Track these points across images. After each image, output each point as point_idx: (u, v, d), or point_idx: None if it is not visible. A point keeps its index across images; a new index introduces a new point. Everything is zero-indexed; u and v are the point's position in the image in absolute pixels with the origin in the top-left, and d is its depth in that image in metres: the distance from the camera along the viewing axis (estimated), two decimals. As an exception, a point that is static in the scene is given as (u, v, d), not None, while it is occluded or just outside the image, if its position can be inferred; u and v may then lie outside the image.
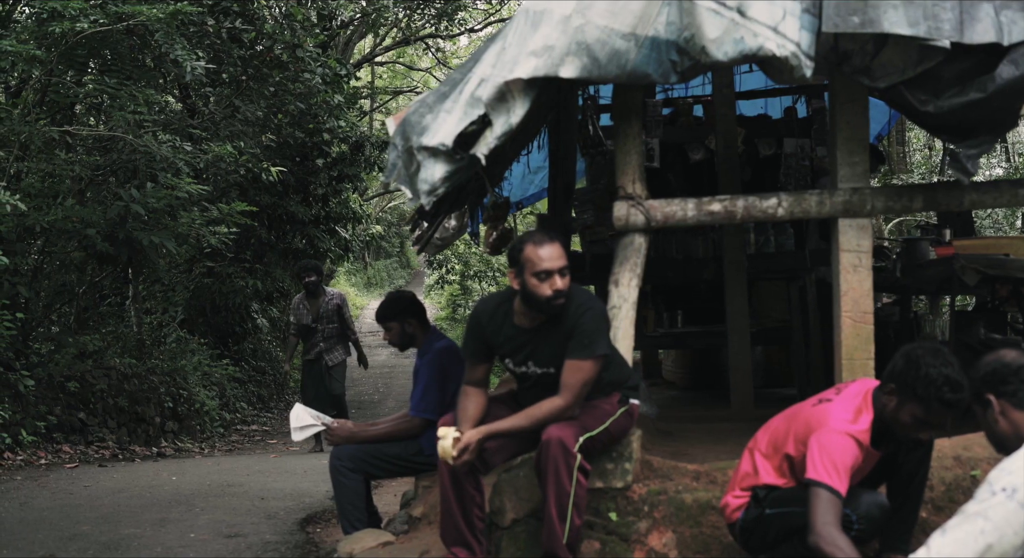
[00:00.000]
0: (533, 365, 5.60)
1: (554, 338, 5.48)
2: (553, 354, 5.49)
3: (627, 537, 5.67)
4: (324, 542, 8.03)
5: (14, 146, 12.83)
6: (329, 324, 14.39)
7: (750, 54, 5.45)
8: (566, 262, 5.42)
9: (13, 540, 7.77)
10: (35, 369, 13.11)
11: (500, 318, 5.67)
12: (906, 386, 4.68)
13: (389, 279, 54.17)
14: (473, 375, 5.79)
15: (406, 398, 22.82)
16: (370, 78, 33.24)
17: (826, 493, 4.57)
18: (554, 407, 5.38)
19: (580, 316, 5.40)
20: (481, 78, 5.75)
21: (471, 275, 35.73)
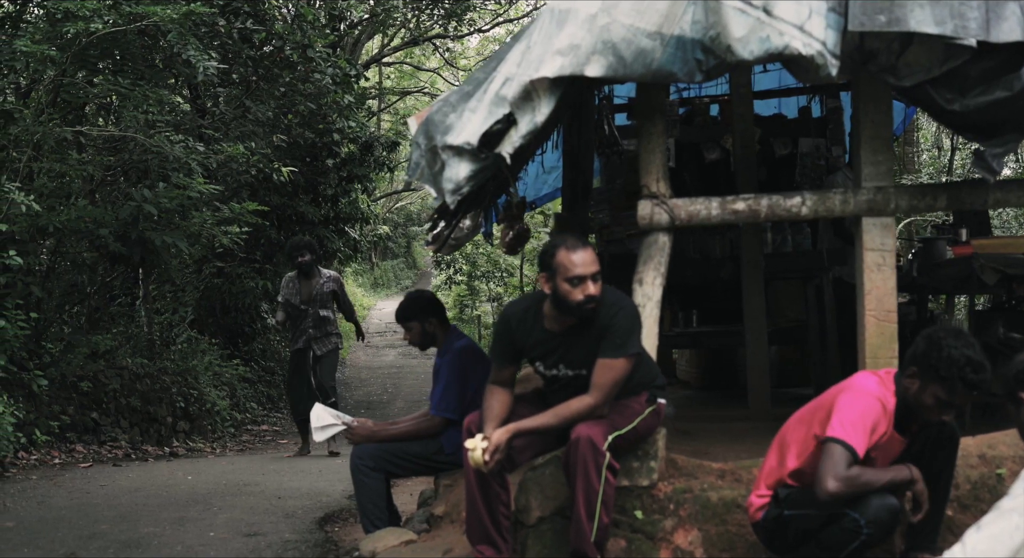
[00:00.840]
0: (564, 368, 5.61)
1: (586, 340, 5.49)
2: (585, 356, 5.50)
3: (653, 535, 5.68)
4: (343, 541, 8.05)
5: (27, 146, 12.85)
6: (321, 308, 13.30)
7: (776, 53, 5.45)
8: (598, 267, 5.43)
9: (33, 539, 7.79)
10: (48, 369, 13.11)
11: (530, 321, 5.68)
12: (928, 367, 4.71)
13: (396, 280, 54.14)
14: (500, 376, 5.80)
15: (415, 399, 22.95)
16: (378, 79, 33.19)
17: (839, 448, 4.63)
18: (583, 406, 5.39)
19: (613, 316, 5.41)
20: (506, 77, 5.76)
21: (478, 276, 35.72)
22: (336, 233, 21.00)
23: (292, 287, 13.24)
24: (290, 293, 13.23)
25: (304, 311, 13.15)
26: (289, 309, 13.28)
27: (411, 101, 37.61)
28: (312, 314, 13.16)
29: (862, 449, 4.66)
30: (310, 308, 13.14)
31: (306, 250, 13.26)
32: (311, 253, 13.28)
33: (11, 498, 9.52)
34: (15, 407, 11.60)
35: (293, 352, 13.64)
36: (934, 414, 4.82)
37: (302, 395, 13.21)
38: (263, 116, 16.94)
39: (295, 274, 13.31)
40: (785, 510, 5.05)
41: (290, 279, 13.36)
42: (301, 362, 13.42)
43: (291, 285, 13.28)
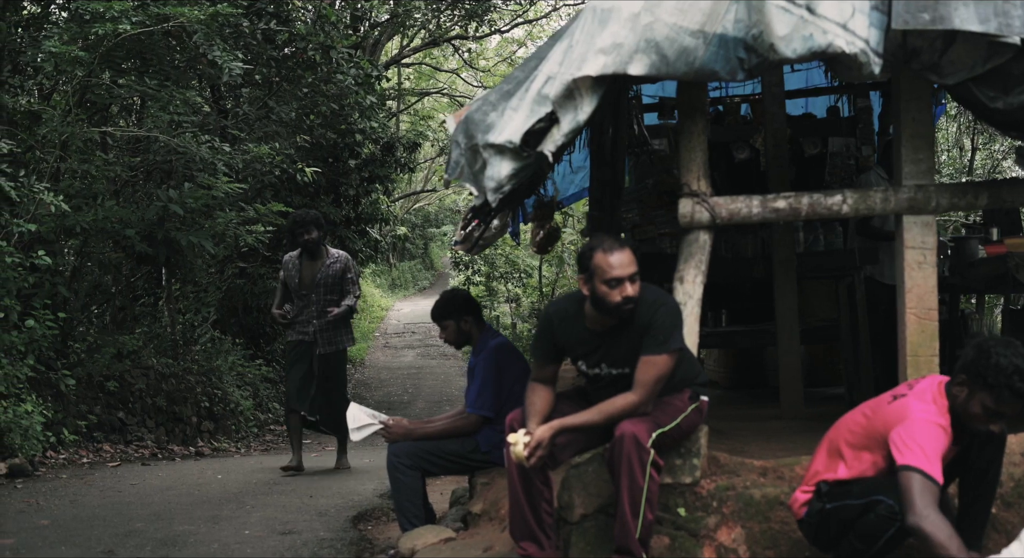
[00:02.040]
0: (607, 367, 5.64)
1: (627, 338, 5.51)
2: (627, 355, 5.52)
3: (696, 532, 5.70)
4: (377, 539, 8.06)
5: (55, 147, 12.91)
6: (328, 294, 11.19)
7: (819, 51, 5.46)
8: (636, 268, 5.45)
9: (69, 537, 7.81)
10: (75, 368, 13.18)
11: (571, 321, 5.70)
12: (977, 375, 4.72)
13: (414, 281, 54.18)
14: (542, 373, 5.82)
15: (435, 399, 22.99)
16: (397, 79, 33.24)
17: (920, 477, 4.59)
18: (627, 403, 5.41)
19: (654, 313, 5.44)
20: (548, 76, 5.77)
21: (497, 276, 35.72)
22: (357, 233, 21.03)
23: (292, 268, 11.30)
24: (290, 275, 11.30)
25: (306, 298, 11.19)
26: (288, 295, 11.42)
27: (430, 102, 37.67)
28: (316, 302, 11.15)
29: (941, 478, 4.66)
30: (315, 294, 11.16)
31: (312, 226, 11.20)
32: (318, 229, 11.28)
33: (43, 496, 9.55)
34: (44, 406, 11.66)
35: (291, 343, 11.41)
36: (982, 423, 4.83)
37: (301, 396, 11.20)
38: (286, 116, 16.97)
39: (297, 253, 11.35)
40: (827, 504, 5.07)
41: (291, 258, 11.40)
42: (302, 356, 11.23)
43: (292, 265, 11.32)
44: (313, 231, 11.14)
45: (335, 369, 11.41)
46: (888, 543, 4.83)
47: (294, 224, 11.34)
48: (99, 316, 15.51)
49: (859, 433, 5.08)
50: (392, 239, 33.35)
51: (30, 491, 9.83)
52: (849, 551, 5.01)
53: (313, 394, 11.21)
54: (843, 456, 5.13)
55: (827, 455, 5.23)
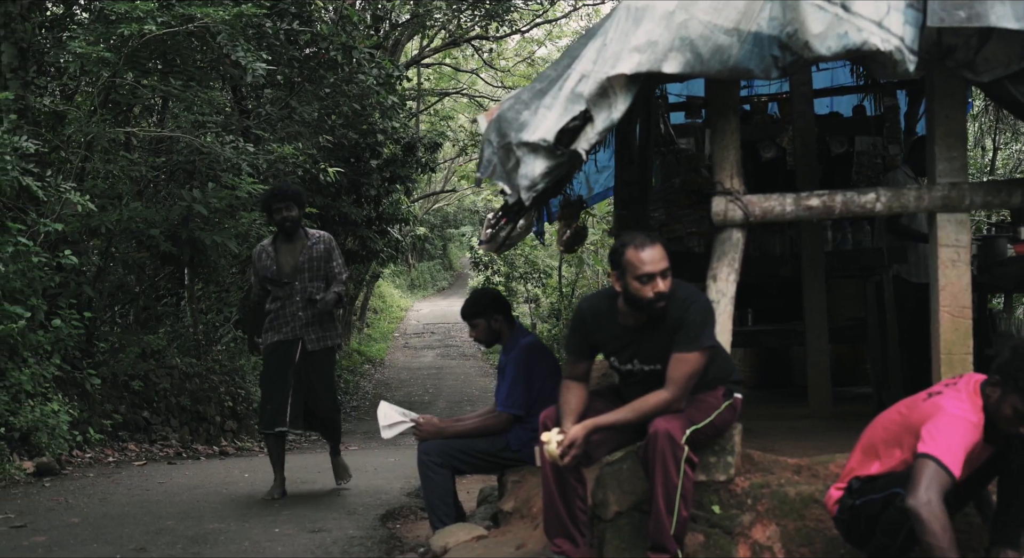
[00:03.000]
0: (639, 363, 5.65)
1: (660, 335, 5.52)
2: (659, 351, 5.53)
3: (730, 530, 5.70)
4: (406, 537, 8.08)
5: (80, 147, 12.97)
6: (314, 281, 9.52)
7: (854, 49, 5.46)
8: (668, 264, 5.46)
9: (101, 534, 7.84)
10: (100, 368, 13.24)
11: (605, 317, 5.72)
12: (1009, 377, 4.71)
13: (432, 281, 54.35)
14: (575, 371, 5.83)
15: (456, 399, 23.06)
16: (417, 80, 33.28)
17: (934, 465, 4.58)
18: (660, 400, 5.41)
19: (686, 310, 5.45)
20: (582, 74, 5.78)
21: (516, 277, 35.74)
22: (378, 233, 21.05)
23: (267, 257, 9.58)
24: (265, 266, 9.57)
25: (288, 287, 9.48)
26: (264, 290, 9.71)
27: (449, 102, 37.68)
28: (300, 291, 9.47)
29: (958, 472, 4.64)
30: (297, 281, 9.47)
31: (292, 201, 9.56)
32: (298, 206, 9.65)
33: (72, 495, 9.60)
34: (70, 406, 11.72)
35: (270, 345, 9.57)
36: (1012, 425, 4.82)
37: (281, 403, 9.49)
38: (308, 117, 17.00)
39: (270, 241, 9.71)
40: (856, 500, 5.07)
41: (263, 249, 9.70)
42: (282, 361, 9.50)
43: (265, 255, 9.61)
44: (293, 208, 9.50)
45: (325, 370, 9.76)
46: (910, 535, 4.80)
47: (271, 197, 9.64)
48: (123, 316, 15.57)
49: (893, 430, 5.08)
50: (412, 239, 33.35)
51: (58, 489, 9.88)
52: (878, 546, 5.01)
53: (292, 402, 9.47)
54: (877, 453, 5.13)
55: (862, 452, 5.23)
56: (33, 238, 11.26)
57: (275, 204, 9.51)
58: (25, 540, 7.63)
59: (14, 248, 10.59)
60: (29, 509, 8.86)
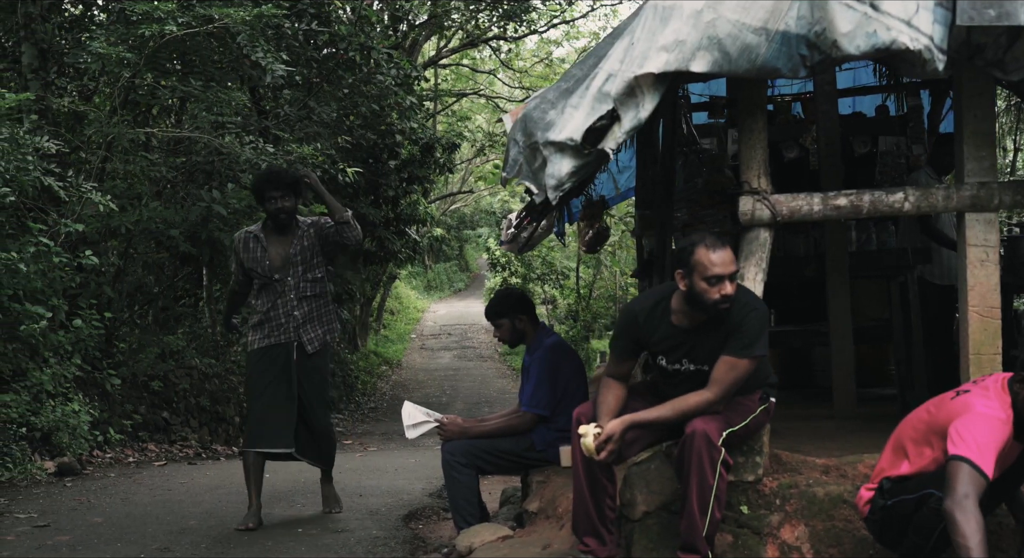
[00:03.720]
0: (688, 363, 5.63)
1: (714, 337, 5.51)
2: (711, 352, 5.52)
3: (759, 530, 5.68)
4: (429, 538, 8.08)
5: (100, 147, 12.99)
6: (308, 272, 8.28)
7: (883, 48, 5.43)
8: (736, 268, 5.45)
9: (124, 534, 7.85)
10: (120, 368, 13.26)
11: (657, 317, 5.69)
12: None
13: (449, 282, 54.40)
14: (618, 370, 5.82)
15: (474, 400, 23.08)
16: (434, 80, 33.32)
17: (968, 467, 4.55)
18: (702, 400, 5.40)
19: (745, 316, 5.44)
20: (609, 73, 5.77)
21: (534, 278, 35.78)
22: (396, 234, 21.04)
23: (255, 247, 8.27)
24: (255, 258, 8.25)
25: (278, 285, 8.22)
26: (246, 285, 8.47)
27: (467, 103, 37.67)
28: (294, 288, 8.22)
29: (991, 472, 4.62)
30: (289, 276, 8.21)
31: (289, 190, 8.19)
32: (294, 196, 8.27)
33: (94, 495, 9.61)
34: (90, 406, 11.75)
35: (258, 351, 8.29)
36: None
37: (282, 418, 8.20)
38: (327, 117, 17.00)
39: (258, 228, 8.39)
40: (887, 500, 5.04)
41: (250, 237, 8.34)
42: (275, 367, 8.24)
43: (253, 245, 8.28)
44: (289, 197, 8.18)
45: (324, 375, 8.53)
46: (943, 536, 4.78)
47: (264, 183, 8.26)
48: (141, 316, 15.59)
49: (922, 429, 5.05)
50: (429, 241, 33.37)
51: (80, 489, 9.90)
52: (910, 547, 4.99)
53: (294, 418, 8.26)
54: (907, 453, 5.10)
55: (892, 452, 5.20)
56: (54, 238, 11.27)
57: (269, 192, 8.14)
58: (49, 539, 7.65)
59: (35, 248, 10.60)
60: (52, 509, 8.88)
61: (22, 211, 11.77)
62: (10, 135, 10.52)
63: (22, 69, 13.39)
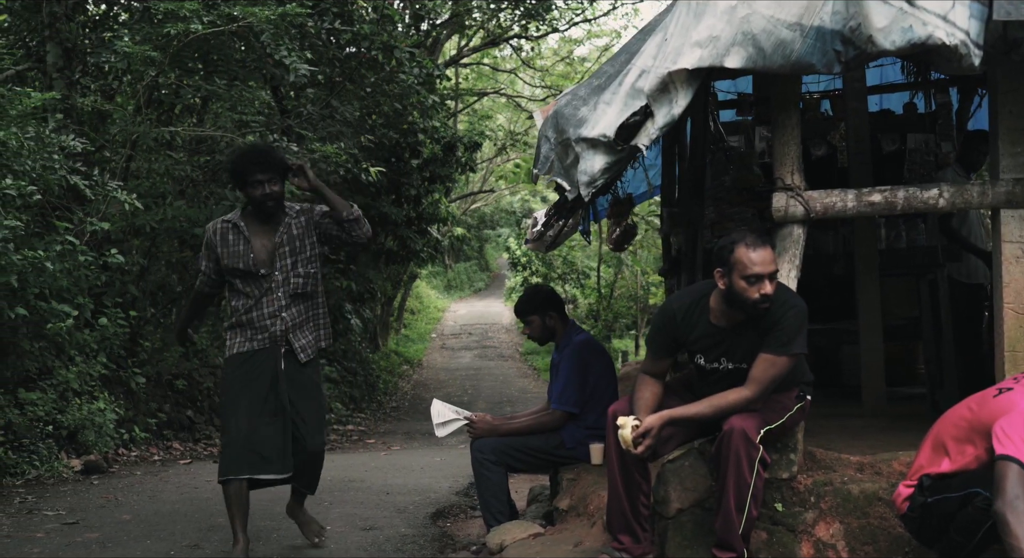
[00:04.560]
0: (727, 361, 5.61)
1: (753, 336, 5.50)
2: (749, 351, 5.51)
3: (794, 528, 5.67)
4: (458, 535, 8.08)
5: (125, 146, 13.02)
6: (300, 266, 6.92)
7: (918, 43, 5.39)
8: (776, 267, 5.43)
9: (153, 531, 7.87)
10: (144, 367, 13.29)
11: (695, 316, 5.68)
12: None
13: (469, 282, 54.43)
14: (655, 367, 5.81)
15: (496, 400, 23.05)
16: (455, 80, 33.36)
17: (1017, 467, 4.51)
18: (740, 398, 5.38)
19: (784, 314, 5.43)
20: (642, 69, 5.76)
21: (555, 277, 35.77)
22: (418, 233, 21.03)
23: (235, 242, 6.88)
24: (235, 252, 6.87)
25: (264, 281, 6.86)
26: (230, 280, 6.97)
27: (487, 102, 37.66)
28: (284, 284, 6.87)
29: None
30: (276, 272, 6.86)
31: (275, 171, 6.81)
32: (281, 178, 6.89)
33: (121, 492, 9.63)
34: (116, 404, 11.78)
35: (238, 357, 6.90)
36: None
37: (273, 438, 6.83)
38: (350, 116, 16.99)
39: (236, 216, 6.98)
40: (928, 498, 5.01)
41: (228, 227, 6.93)
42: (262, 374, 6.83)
43: (233, 237, 6.89)
44: (277, 181, 6.80)
45: (316, 386, 7.18)
46: (986, 536, 4.74)
47: (247, 163, 6.79)
48: (164, 315, 15.62)
49: (964, 427, 5.01)
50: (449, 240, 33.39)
51: (107, 487, 9.93)
52: (950, 546, 4.95)
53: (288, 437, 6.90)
54: (947, 450, 5.06)
55: (931, 449, 5.16)
56: (79, 236, 11.29)
57: (254, 174, 6.73)
58: (78, 536, 7.67)
59: (61, 247, 10.61)
60: (80, 506, 8.91)
61: (47, 210, 11.79)
62: (36, 134, 10.54)
63: (47, 68, 13.42)
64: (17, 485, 9.86)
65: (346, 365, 22.20)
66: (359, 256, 19.99)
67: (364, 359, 23.88)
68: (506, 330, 39.29)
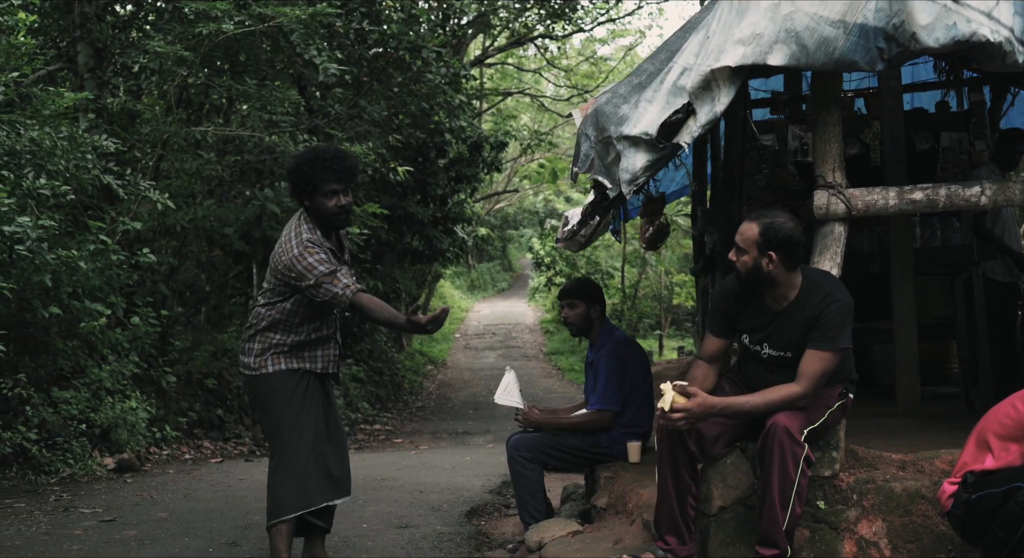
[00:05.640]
0: (768, 347, 5.62)
1: (794, 323, 5.53)
2: (790, 339, 5.53)
3: (836, 526, 5.66)
4: (493, 533, 8.08)
5: (156, 146, 13.07)
6: None
7: (962, 40, 5.39)
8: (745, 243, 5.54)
9: (190, 529, 7.90)
10: (175, 366, 13.34)
11: (749, 295, 5.74)
12: None
13: (492, 282, 54.42)
14: (709, 349, 5.88)
15: (525, 399, 22.99)
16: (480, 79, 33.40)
17: None
18: (791, 393, 5.38)
19: (827, 306, 5.44)
20: (684, 67, 5.77)
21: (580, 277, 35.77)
22: (444, 233, 21.03)
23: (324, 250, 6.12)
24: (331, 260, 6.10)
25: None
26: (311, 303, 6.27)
27: (512, 102, 37.64)
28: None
29: None
30: None
31: (349, 179, 6.30)
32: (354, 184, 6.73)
33: (155, 490, 9.67)
34: (147, 403, 11.82)
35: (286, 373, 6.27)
36: None
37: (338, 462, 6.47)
38: (378, 116, 17.02)
39: (308, 230, 6.17)
40: (972, 495, 5.00)
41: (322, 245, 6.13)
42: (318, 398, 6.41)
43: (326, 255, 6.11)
44: (349, 193, 6.31)
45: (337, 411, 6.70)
46: None
47: (324, 171, 6.15)
48: (194, 314, 15.68)
49: (1009, 424, 5.01)
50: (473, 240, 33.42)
51: (141, 485, 9.96)
52: (993, 542, 4.94)
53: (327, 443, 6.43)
54: (990, 447, 5.06)
55: (975, 446, 5.16)
56: (111, 236, 11.34)
57: (330, 183, 6.15)
58: (116, 534, 7.71)
59: (94, 246, 10.67)
60: (115, 504, 8.95)
61: (78, 209, 11.85)
62: (69, 134, 10.59)
63: (78, 68, 13.48)
64: (52, 483, 9.90)
65: (372, 365, 22.24)
66: (385, 255, 20.02)
67: (390, 359, 23.90)
68: (529, 330, 39.27)
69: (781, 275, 5.53)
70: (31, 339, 10.72)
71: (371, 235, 17.27)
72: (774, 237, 5.47)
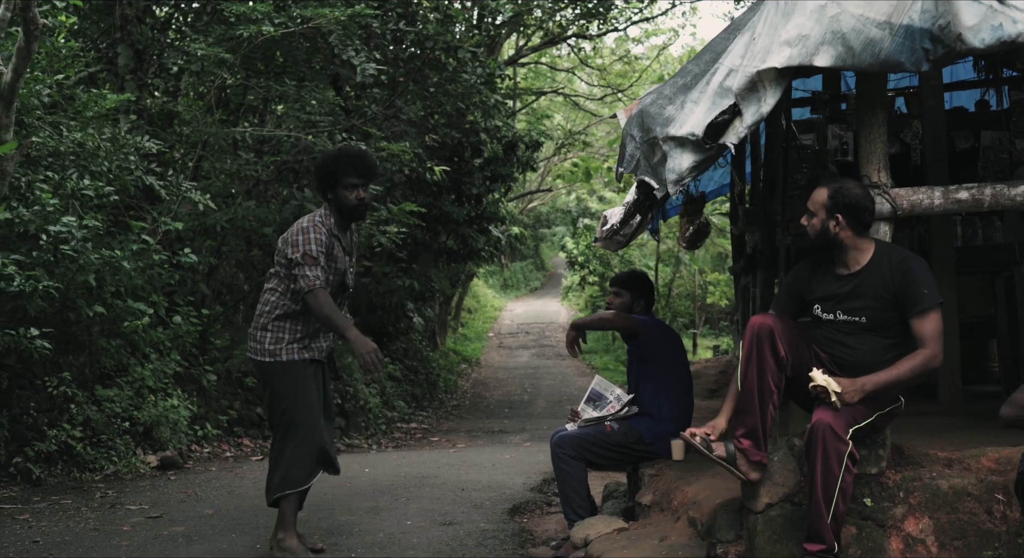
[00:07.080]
0: (842, 314, 5.67)
1: (870, 285, 5.62)
2: (865, 303, 5.62)
3: (883, 523, 5.68)
4: (536, 531, 8.13)
5: (196, 147, 13.19)
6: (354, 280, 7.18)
7: (1008, 41, 5.40)
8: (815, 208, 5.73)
9: (236, 525, 7.98)
10: (215, 364, 13.44)
11: (827, 264, 5.82)
12: None
13: (525, 281, 54.47)
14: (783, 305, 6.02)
15: (556, 398, 23.06)
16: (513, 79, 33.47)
17: None
18: (925, 358, 5.47)
19: (908, 269, 5.55)
20: (730, 69, 5.81)
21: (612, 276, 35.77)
22: (479, 232, 21.09)
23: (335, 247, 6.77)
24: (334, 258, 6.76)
25: (339, 288, 6.90)
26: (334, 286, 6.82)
27: (545, 102, 37.68)
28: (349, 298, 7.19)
29: None
30: (346, 279, 6.96)
31: (369, 175, 6.94)
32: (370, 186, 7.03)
33: (199, 488, 9.75)
34: (188, 401, 11.93)
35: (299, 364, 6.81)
36: None
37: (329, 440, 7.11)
38: (414, 116, 17.10)
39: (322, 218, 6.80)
40: None
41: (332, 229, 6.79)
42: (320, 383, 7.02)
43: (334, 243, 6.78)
44: (367, 189, 6.90)
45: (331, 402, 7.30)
46: None
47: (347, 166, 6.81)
48: (233, 313, 15.78)
49: None
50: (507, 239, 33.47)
51: (185, 482, 10.05)
52: None
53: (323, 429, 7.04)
54: None
55: None
56: (152, 236, 11.45)
57: (351, 177, 6.78)
58: (164, 530, 7.80)
59: (137, 246, 10.78)
60: (161, 501, 9.04)
61: (120, 209, 11.96)
62: (111, 135, 10.70)
63: (118, 70, 13.60)
64: (96, 480, 10.01)
65: (407, 364, 22.32)
66: (421, 255, 20.10)
67: (424, 357, 23.98)
68: (563, 329, 39.19)
69: (849, 239, 5.65)
70: (75, 338, 10.84)
71: (408, 234, 17.36)
72: (842, 200, 5.62)
